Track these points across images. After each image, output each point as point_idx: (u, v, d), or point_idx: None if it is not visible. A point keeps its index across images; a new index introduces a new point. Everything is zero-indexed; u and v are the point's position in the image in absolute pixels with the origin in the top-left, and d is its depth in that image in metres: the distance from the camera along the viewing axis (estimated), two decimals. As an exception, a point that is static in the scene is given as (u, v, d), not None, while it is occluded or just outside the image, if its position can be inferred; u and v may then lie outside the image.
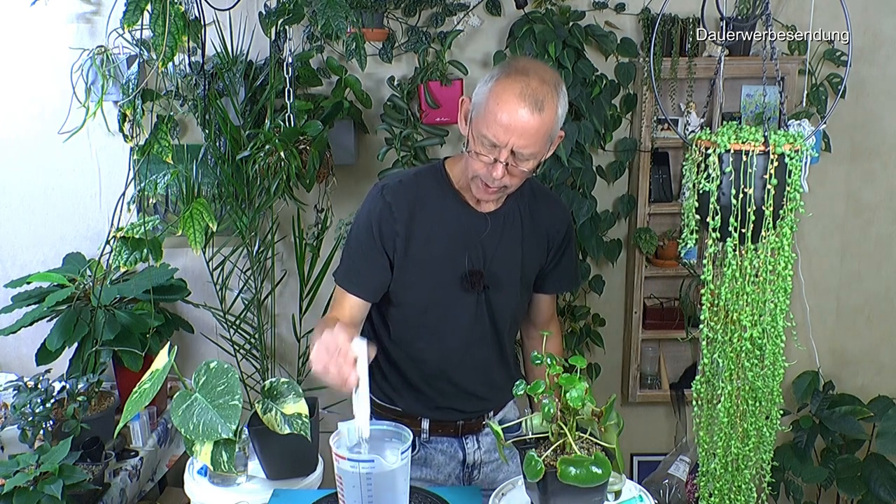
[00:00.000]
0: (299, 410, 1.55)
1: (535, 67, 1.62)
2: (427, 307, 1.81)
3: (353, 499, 1.41)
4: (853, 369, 3.16)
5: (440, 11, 2.76)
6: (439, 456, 1.91)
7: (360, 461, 1.38)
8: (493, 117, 1.58)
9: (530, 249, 1.83)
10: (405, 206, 1.75)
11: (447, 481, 1.92)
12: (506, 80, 1.59)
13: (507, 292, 1.82)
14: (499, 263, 1.79)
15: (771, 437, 1.54)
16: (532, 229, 1.83)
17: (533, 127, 1.57)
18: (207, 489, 1.66)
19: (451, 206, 1.77)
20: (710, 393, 1.56)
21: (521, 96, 1.56)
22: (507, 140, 1.58)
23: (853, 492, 2.92)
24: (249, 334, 2.87)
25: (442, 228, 1.76)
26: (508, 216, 1.80)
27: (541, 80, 1.59)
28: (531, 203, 1.84)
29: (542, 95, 1.57)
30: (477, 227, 1.77)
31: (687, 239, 1.50)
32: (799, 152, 1.39)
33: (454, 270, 1.77)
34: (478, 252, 1.78)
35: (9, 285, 2.61)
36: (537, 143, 1.59)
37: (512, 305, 1.86)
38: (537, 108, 1.56)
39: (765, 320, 1.45)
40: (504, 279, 1.80)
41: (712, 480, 1.59)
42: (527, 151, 1.59)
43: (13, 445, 2.22)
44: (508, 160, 1.60)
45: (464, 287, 1.78)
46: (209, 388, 1.48)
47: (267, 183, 2.55)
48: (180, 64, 2.63)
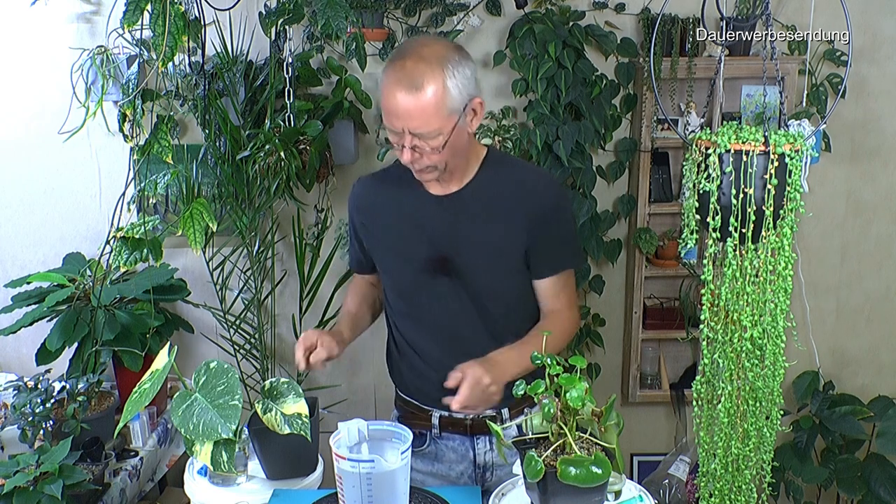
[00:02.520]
0: (299, 410, 1.55)
1: (416, 46, 1.65)
2: (405, 294, 1.88)
3: (353, 499, 1.41)
4: (853, 369, 3.16)
5: (440, 11, 2.76)
6: (450, 453, 1.91)
7: (360, 461, 1.38)
8: (384, 107, 1.64)
9: (505, 226, 1.76)
10: (370, 196, 1.88)
11: (459, 479, 1.91)
12: (387, 68, 1.63)
13: (484, 277, 1.78)
14: (466, 248, 1.77)
15: (771, 438, 1.54)
16: (504, 208, 1.76)
17: (416, 107, 1.59)
18: (207, 489, 1.66)
19: (412, 196, 1.81)
20: (711, 393, 1.56)
21: (398, 81, 1.60)
22: (400, 125, 1.62)
23: (853, 492, 2.92)
24: (249, 334, 2.87)
25: (403, 217, 1.82)
26: (469, 198, 1.77)
27: (417, 59, 1.60)
28: (503, 177, 1.79)
29: (419, 74, 1.59)
30: (436, 214, 1.78)
31: (687, 239, 1.50)
32: (799, 152, 1.39)
33: (417, 258, 1.80)
34: (440, 238, 1.78)
35: (9, 285, 2.61)
36: (429, 119, 1.60)
37: (495, 291, 1.80)
38: (414, 87, 1.58)
39: (765, 320, 1.46)
40: (475, 263, 1.77)
41: (712, 480, 1.59)
42: (424, 130, 1.61)
43: (13, 445, 2.22)
44: (414, 143, 1.63)
45: (428, 273, 1.79)
46: (209, 388, 1.48)
47: (267, 183, 2.55)
48: (180, 64, 2.63)
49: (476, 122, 1.70)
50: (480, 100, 1.68)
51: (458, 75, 1.62)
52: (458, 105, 1.63)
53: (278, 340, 3.01)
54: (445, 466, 1.92)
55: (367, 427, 1.47)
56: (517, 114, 2.90)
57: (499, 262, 1.78)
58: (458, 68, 1.62)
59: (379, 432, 1.47)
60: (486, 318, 1.81)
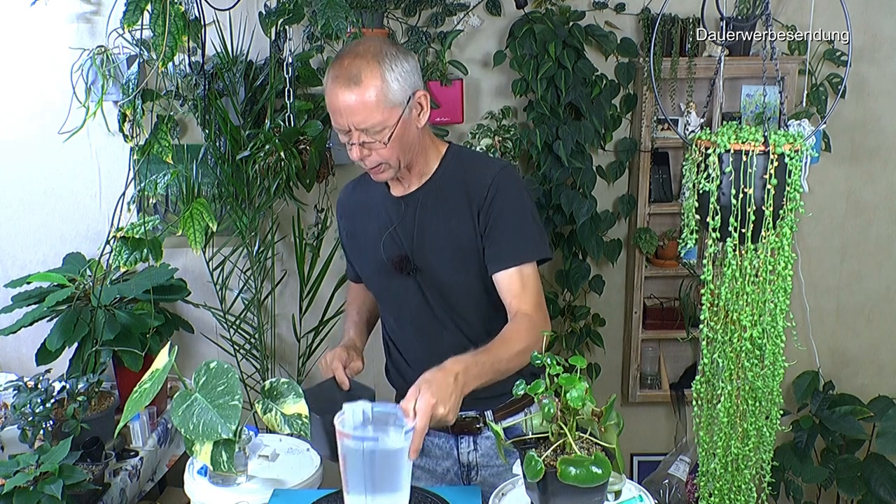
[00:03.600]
0: (299, 410, 1.55)
1: (353, 46, 1.67)
2: (379, 295, 1.94)
3: (356, 479, 1.40)
4: (853, 369, 3.16)
5: (440, 11, 2.76)
6: (436, 450, 1.92)
7: (364, 439, 1.39)
8: (329, 107, 1.67)
9: (459, 221, 1.74)
10: (347, 203, 1.95)
11: (445, 475, 1.92)
12: (329, 69, 1.66)
13: (447, 275, 1.78)
14: (424, 245, 1.78)
15: (771, 437, 1.54)
16: (455, 202, 1.76)
17: (356, 102, 1.61)
18: (207, 489, 1.66)
19: (377, 198, 1.85)
20: (710, 393, 1.57)
21: (336, 79, 1.63)
22: (345, 122, 1.64)
23: (853, 492, 2.92)
24: (249, 334, 2.87)
25: (370, 219, 1.86)
26: (427, 197, 1.78)
27: (354, 56, 1.63)
28: (458, 173, 1.78)
29: (356, 69, 1.61)
30: (398, 214, 1.80)
31: (687, 239, 1.50)
32: (799, 152, 1.39)
33: (382, 259, 1.83)
34: (403, 238, 1.79)
35: (9, 285, 2.61)
36: (371, 114, 1.62)
37: (460, 288, 1.78)
38: (353, 83, 1.61)
39: (765, 320, 1.46)
40: (434, 261, 1.77)
41: (712, 480, 1.59)
42: (368, 125, 1.63)
43: (13, 445, 2.22)
44: (362, 139, 1.65)
45: (396, 273, 1.82)
46: (209, 388, 1.48)
47: (267, 183, 2.55)
48: (180, 64, 2.63)
49: (424, 117, 1.71)
50: (424, 93, 1.70)
51: (397, 68, 1.64)
52: (400, 97, 1.65)
53: (278, 340, 3.01)
54: (433, 462, 1.93)
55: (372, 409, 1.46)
56: (517, 114, 2.91)
57: (460, 259, 1.77)
58: (395, 62, 1.64)
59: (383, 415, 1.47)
60: (455, 316, 1.82)
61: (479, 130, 2.78)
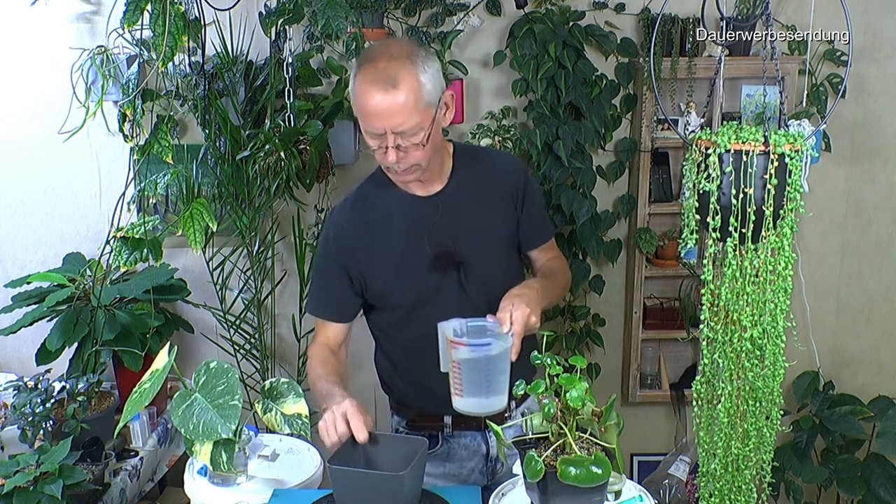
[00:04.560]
0: (299, 411, 1.55)
1: (383, 47, 1.67)
2: (414, 304, 1.83)
3: (473, 382, 1.54)
4: (853, 369, 3.16)
5: (440, 11, 2.76)
6: (462, 451, 1.91)
7: (479, 345, 1.53)
8: (363, 111, 1.65)
9: (496, 211, 1.85)
10: (348, 223, 1.85)
11: (470, 476, 1.92)
12: (359, 72, 1.65)
13: (489, 263, 1.82)
14: (467, 237, 1.80)
15: (771, 438, 1.54)
16: (490, 191, 1.84)
17: (396, 105, 1.61)
18: (207, 489, 1.66)
19: (398, 202, 1.82)
20: (711, 393, 1.56)
21: (373, 82, 1.61)
22: (382, 126, 1.63)
23: (853, 492, 2.92)
24: (249, 334, 2.87)
25: (396, 225, 1.81)
26: (458, 192, 1.81)
27: (388, 58, 1.63)
28: (477, 168, 1.86)
29: (392, 72, 1.61)
30: (431, 213, 1.80)
31: (687, 239, 1.50)
32: (799, 152, 1.39)
33: (421, 259, 1.79)
34: (439, 234, 1.79)
35: (9, 285, 2.61)
36: (410, 116, 1.63)
37: (499, 274, 1.83)
38: (391, 85, 1.61)
39: (765, 320, 1.46)
40: (478, 250, 1.80)
41: (712, 480, 1.59)
42: (406, 128, 1.63)
43: (13, 445, 2.22)
44: (398, 142, 1.65)
45: (437, 271, 1.79)
46: (209, 388, 1.48)
47: (267, 183, 2.55)
48: (180, 64, 2.62)
49: (449, 116, 1.74)
50: (451, 92, 1.73)
51: (429, 69, 1.65)
52: (434, 98, 1.66)
53: (278, 340, 3.01)
54: (457, 465, 1.92)
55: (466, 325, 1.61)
56: (517, 114, 2.90)
57: (498, 247, 1.86)
58: (427, 63, 1.65)
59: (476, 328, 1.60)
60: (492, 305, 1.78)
61: (479, 130, 2.78)
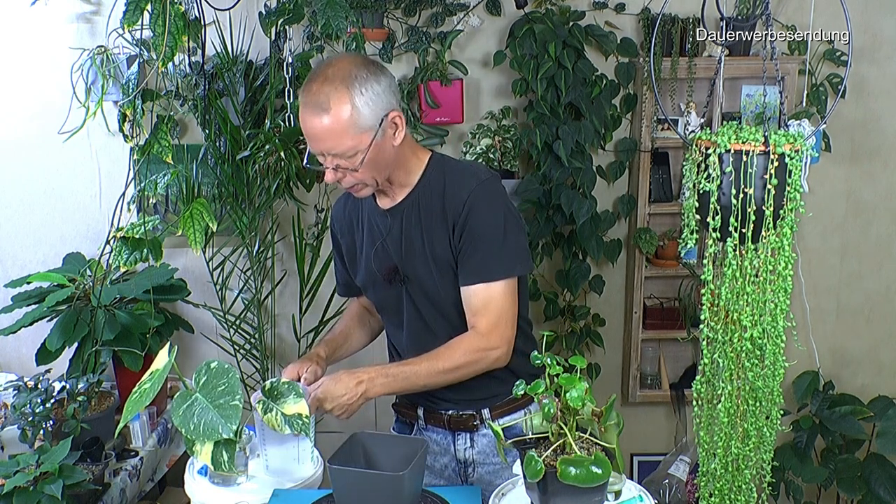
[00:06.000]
0: (300, 411, 1.55)
1: (323, 68, 1.64)
2: (377, 304, 1.95)
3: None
4: (853, 369, 3.16)
5: (440, 11, 2.76)
6: (434, 445, 1.93)
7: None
8: (303, 131, 1.66)
9: (436, 237, 1.75)
10: (343, 215, 1.92)
11: (443, 472, 1.93)
12: (300, 94, 1.65)
13: (428, 283, 1.79)
14: (410, 256, 1.79)
15: (771, 437, 1.54)
16: (434, 214, 1.75)
17: (326, 129, 1.60)
18: (207, 489, 1.66)
19: (366, 212, 1.86)
20: (711, 393, 1.56)
21: (306, 105, 1.62)
22: (319, 148, 1.64)
23: (853, 492, 2.92)
24: (249, 334, 2.87)
25: (362, 232, 1.87)
26: (411, 208, 1.78)
27: (323, 80, 1.61)
28: (434, 189, 1.76)
29: (324, 96, 1.60)
30: (385, 226, 1.81)
31: (687, 239, 1.50)
32: (799, 152, 1.39)
33: (375, 268, 1.84)
34: (391, 249, 1.80)
35: (9, 285, 2.61)
36: (342, 139, 1.61)
37: (448, 297, 1.78)
38: (322, 109, 1.60)
39: (765, 320, 1.46)
40: (420, 271, 1.79)
41: (712, 480, 1.59)
42: (339, 150, 1.63)
43: (13, 445, 2.22)
44: (336, 163, 1.65)
45: (388, 282, 1.83)
46: (210, 388, 1.48)
47: (267, 183, 2.55)
48: (180, 64, 2.63)
49: (400, 135, 1.68)
50: (398, 112, 1.67)
51: (368, 92, 1.61)
52: (372, 122, 1.63)
53: (278, 340, 3.01)
54: (430, 458, 1.94)
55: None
56: (517, 114, 2.91)
57: (441, 270, 1.77)
58: (365, 85, 1.61)
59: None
60: (445, 323, 1.82)
61: (479, 130, 2.78)
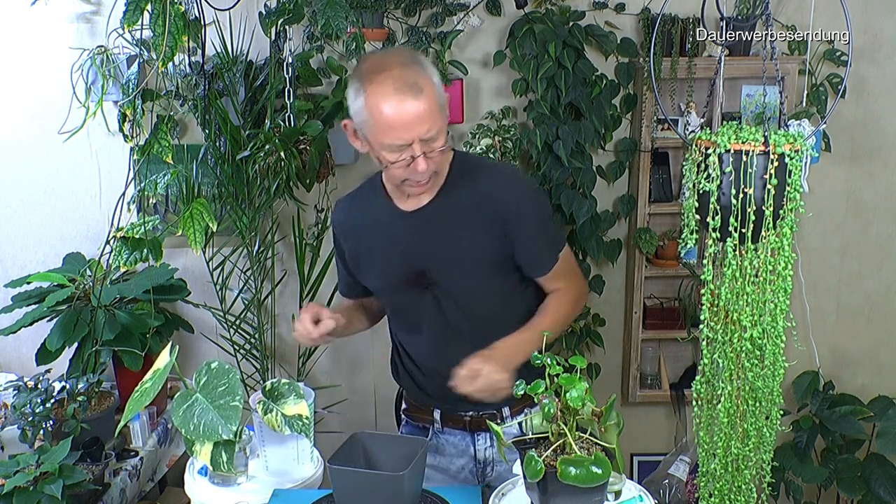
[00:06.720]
0: (300, 411, 1.55)
1: (388, 57, 1.65)
2: (393, 308, 1.91)
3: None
4: (853, 369, 3.16)
5: (440, 11, 2.76)
6: (451, 448, 1.92)
7: None
8: (387, 124, 1.58)
9: (477, 234, 1.73)
10: (346, 219, 1.89)
11: (459, 474, 1.93)
12: (374, 85, 1.58)
13: (461, 286, 1.77)
14: (441, 260, 1.75)
15: (771, 438, 1.54)
16: (473, 217, 1.73)
17: (425, 110, 1.58)
18: (207, 489, 1.66)
19: (382, 214, 1.81)
20: (710, 393, 1.56)
21: (398, 91, 1.57)
22: (411, 136, 1.59)
23: (853, 492, 2.92)
24: (249, 334, 2.87)
25: (377, 236, 1.82)
26: (439, 211, 1.75)
27: (402, 65, 1.60)
28: (471, 184, 1.75)
29: (413, 77, 1.58)
30: (408, 230, 1.77)
31: (687, 239, 1.50)
32: (799, 152, 1.39)
33: (396, 274, 1.80)
34: (413, 253, 1.77)
35: (9, 285, 2.61)
36: (436, 120, 1.61)
37: (478, 298, 1.78)
38: (418, 91, 1.58)
39: (765, 320, 1.46)
40: (453, 275, 1.76)
41: (712, 480, 1.59)
42: (432, 133, 1.61)
43: (13, 445, 2.22)
44: (423, 149, 1.61)
45: (410, 288, 1.79)
46: (210, 388, 1.48)
47: (267, 183, 2.55)
48: (180, 64, 2.62)
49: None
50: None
51: (433, 70, 1.65)
52: (444, 100, 1.65)
53: (278, 340, 3.01)
54: (447, 460, 1.93)
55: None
56: (517, 114, 2.90)
57: (476, 271, 1.76)
58: (430, 65, 1.65)
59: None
60: (471, 325, 1.80)
61: (479, 130, 2.78)
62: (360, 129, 1.65)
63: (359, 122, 1.64)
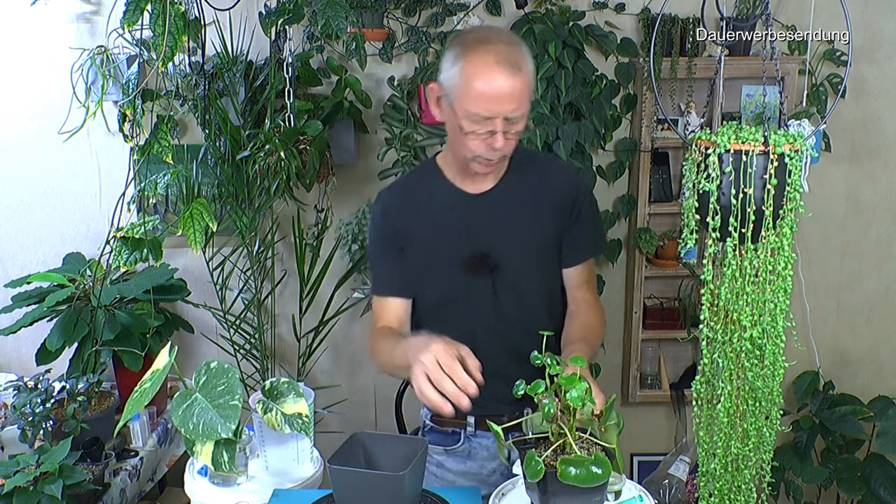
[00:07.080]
0: (300, 410, 1.55)
1: (494, 33, 1.68)
2: (445, 298, 1.84)
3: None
4: (853, 369, 3.16)
5: (440, 11, 2.76)
6: (483, 451, 1.91)
7: None
8: (479, 93, 1.60)
9: (542, 219, 1.80)
10: (399, 205, 1.84)
11: (490, 477, 1.91)
12: (475, 54, 1.60)
13: (525, 271, 1.80)
14: (506, 243, 1.78)
15: (771, 437, 1.54)
16: (538, 203, 1.80)
17: (518, 89, 1.61)
18: (207, 489, 1.66)
19: (444, 197, 1.81)
20: (710, 393, 1.56)
21: (499, 64, 1.59)
22: (498, 110, 1.60)
23: (853, 492, 2.92)
24: (249, 334, 2.87)
25: (437, 219, 1.80)
26: (505, 194, 1.79)
27: (508, 43, 1.63)
28: (532, 171, 1.82)
29: (515, 56, 1.61)
30: (474, 212, 1.78)
31: (687, 239, 1.50)
32: (799, 152, 1.39)
33: (457, 257, 1.79)
34: (478, 235, 1.78)
35: (9, 285, 2.61)
36: (524, 102, 1.64)
37: (536, 284, 1.82)
38: (518, 69, 1.61)
39: (765, 320, 1.45)
40: (515, 258, 1.78)
41: (712, 480, 1.59)
42: (518, 113, 1.63)
43: (13, 445, 2.22)
44: (504, 127, 1.63)
45: (470, 272, 1.78)
46: (209, 388, 1.48)
47: (267, 183, 2.55)
48: (180, 64, 2.63)
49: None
50: None
51: (532, 62, 1.68)
52: (533, 89, 1.69)
53: (278, 340, 3.01)
54: (477, 465, 1.92)
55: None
56: (517, 114, 2.90)
57: (537, 256, 1.81)
58: (530, 56, 1.68)
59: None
60: (524, 313, 1.81)
61: (479, 130, 2.77)
62: (448, 94, 1.66)
63: (449, 87, 1.65)
